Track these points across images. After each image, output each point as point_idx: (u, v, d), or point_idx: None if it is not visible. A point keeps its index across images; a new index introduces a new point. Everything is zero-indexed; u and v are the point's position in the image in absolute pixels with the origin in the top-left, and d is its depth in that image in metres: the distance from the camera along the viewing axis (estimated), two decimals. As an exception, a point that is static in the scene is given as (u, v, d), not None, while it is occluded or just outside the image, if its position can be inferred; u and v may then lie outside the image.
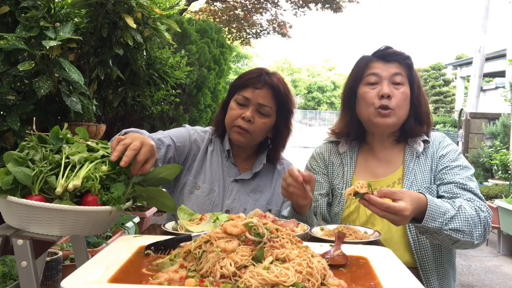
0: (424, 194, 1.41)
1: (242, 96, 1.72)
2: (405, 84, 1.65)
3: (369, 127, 1.72)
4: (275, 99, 1.72)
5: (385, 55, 1.68)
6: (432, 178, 1.65)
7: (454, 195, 1.56)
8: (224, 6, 13.35)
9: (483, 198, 1.58)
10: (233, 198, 1.75)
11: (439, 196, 1.60)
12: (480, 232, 1.48)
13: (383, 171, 1.72)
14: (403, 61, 1.67)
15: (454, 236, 1.42)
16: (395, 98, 1.62)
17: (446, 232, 1.41)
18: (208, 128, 1.90)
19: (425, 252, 1.58)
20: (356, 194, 1.34)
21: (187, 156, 1.79)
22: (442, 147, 1.70)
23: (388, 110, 1.61)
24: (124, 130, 1.60)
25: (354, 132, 1.77)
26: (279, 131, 1.80)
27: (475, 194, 1.56)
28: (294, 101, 1.83)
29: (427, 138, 1.71)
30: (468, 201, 1.53)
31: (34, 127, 1.26)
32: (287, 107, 1.76)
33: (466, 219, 1.44)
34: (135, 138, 1.25)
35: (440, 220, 1.40)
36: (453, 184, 1.59)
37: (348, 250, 1.17)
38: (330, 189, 1.77)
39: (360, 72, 1.70)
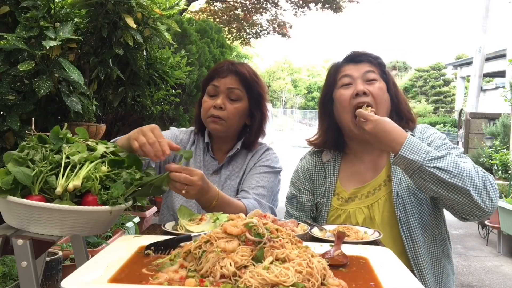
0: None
1: (211, 86, 1.79)
2: (379, 80, 1.65)
3: (349, 131, 1.67)
4: (243, 84, 1.78)
5: (355, 56, 1.69)
6: None
7: None
8: (224, 6, 13.34)
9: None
10: None
11: None
12: (478, 184, 1.40)
13: (371, 174, 1.69)
14: (374, 60, 1.68)
15: (439, 175, 1.37)
16: (372, 93, 1.61)
17: (429, 169, 1.37)
18: (193, 128, 1.96)
19: (421, 255, 1.57)
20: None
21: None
22: (426, 137, 1.67)
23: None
24: (111, 141, 1.66)
25: (332, 141, 1.75)
26: (254, 116, 1.84)
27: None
28: (264, 86, 1.88)
29: (411, 133, 1.66)
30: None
31: (33, 127, 1.26)
32: (257, 91, 1.81)
33: (455, 162, 1.40)
34: (142, 131, 1.36)
35: (421, 156, 1.38)
36: None
37: (348, 250, 1.17)
38: (314, 204, 1.76)
39: (332, 78, 1.72)
